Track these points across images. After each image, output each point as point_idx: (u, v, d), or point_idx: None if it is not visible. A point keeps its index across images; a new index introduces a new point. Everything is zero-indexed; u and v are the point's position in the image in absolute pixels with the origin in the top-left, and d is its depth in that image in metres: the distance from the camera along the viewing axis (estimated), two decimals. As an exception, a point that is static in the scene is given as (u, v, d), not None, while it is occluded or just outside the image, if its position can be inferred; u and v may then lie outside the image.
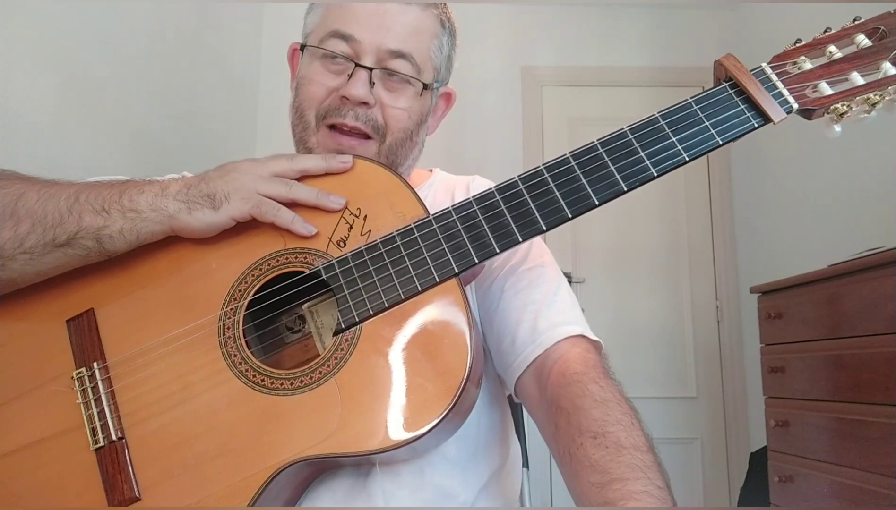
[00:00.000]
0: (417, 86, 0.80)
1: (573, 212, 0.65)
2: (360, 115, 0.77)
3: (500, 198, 0.67)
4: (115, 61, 1.74)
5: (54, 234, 0.66)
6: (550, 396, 0.66)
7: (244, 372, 0.64)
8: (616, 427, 0.58)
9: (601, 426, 0.59)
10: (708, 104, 0.67)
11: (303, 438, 0.60)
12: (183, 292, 0.68)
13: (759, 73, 0.68)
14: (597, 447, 0.57)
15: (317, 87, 0.79)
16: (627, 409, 0.61)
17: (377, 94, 0.78)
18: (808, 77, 0.68)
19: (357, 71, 0.76)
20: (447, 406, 0.60)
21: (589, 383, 0.63)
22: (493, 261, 0.78)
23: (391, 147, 0.80)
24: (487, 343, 0.78)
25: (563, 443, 0.61)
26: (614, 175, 0.65)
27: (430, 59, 0.82)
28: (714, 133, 0.66)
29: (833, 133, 0.68)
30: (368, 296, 0.65)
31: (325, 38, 0.78)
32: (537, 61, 3.05)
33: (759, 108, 0.65)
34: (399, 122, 0.79)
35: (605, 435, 0.58)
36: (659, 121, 0.67)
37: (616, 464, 0.55)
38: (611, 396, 0.62)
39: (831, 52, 0.68)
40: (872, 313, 1.50)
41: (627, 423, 0.59)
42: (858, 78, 0.67)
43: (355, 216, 0.69)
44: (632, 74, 3.02)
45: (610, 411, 0.60)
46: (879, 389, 1.46)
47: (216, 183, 0.67)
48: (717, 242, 2.94)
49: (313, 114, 0.79)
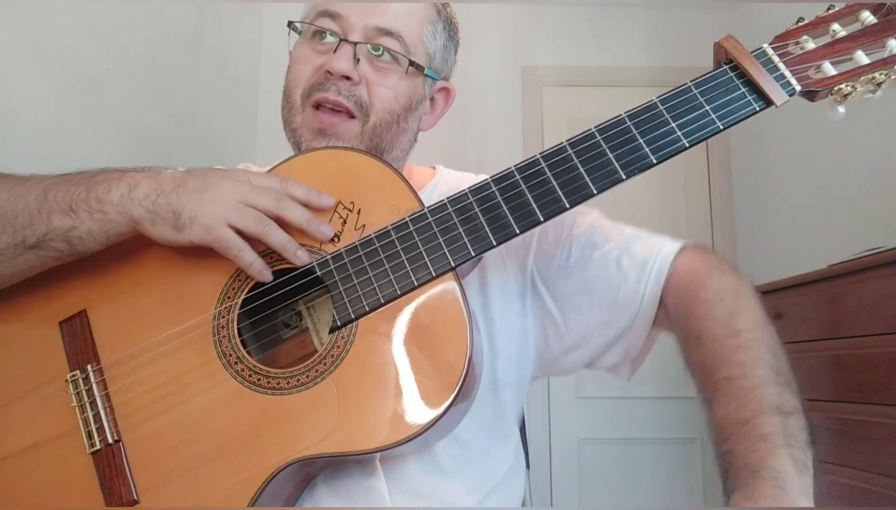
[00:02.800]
0: (404, 63, 0.78)
1: (571, 201, 0.64)
2: (342, 89, 0.75)
3: (496, 188, 0.65)
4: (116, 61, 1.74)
5: (24, 236, 0.64)
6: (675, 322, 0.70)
7: (240, 371, 0.63)
8: (709, 321, 0.63)
9: (699, 324, 0.64)
10: (708, 88, 0.65)
11: (300, 438, 0.60)
12: (176, 291, 0.67)
13: (760, 54, 0.66)
14: (698, 347, 0.63)
15: (303, 65, 0.78)
16: (729, 297, 0.65)
17: (363, 72, 0.76)
18: (811, 57, 0.65)
19: (342, 45, 0.75)
20: (446, 402, 0.59)
21: (697, 289, 0.68)
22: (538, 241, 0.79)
23: (375, 127, 0.77)
24: (589, 316, 0.77)
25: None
26: (612, 163, 0.64)
27: (421, 42, 0.80)
28: (714, 117, 0.64)
29: (837, 114, 0.65)
30: (363, 291, 0.64)
31: (315, 18, 0.78)
32: (537, 61, 3.04)
33: (761, 90, 0.63)
34: (384, 101, 0.77)
35: (700, 333, 0.63)
36: (658, 106, 0.65)
37: (716, 357, 0.61)
38: (714, 291, 0.66)
39: (835, 30, 0.66)
40: (872, 313, 1.49)
41: (724, 313, 0.63)
42: (863, 57, 0.64)
43: (349, 210, 0.67)
44: (632, 74, 3.02)
45: (711, 308, 0.65)
46: (879, 389, 1.45)
47: (186, 199, 0.63)
48: (717, 242, 2.93)
49: (299, 93, 0.78)
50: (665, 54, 3.02)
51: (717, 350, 0.61)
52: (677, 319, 0.69)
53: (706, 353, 0.62)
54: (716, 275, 0.68)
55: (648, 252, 0.74)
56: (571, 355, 0.79)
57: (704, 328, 0.63)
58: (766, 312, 0.65)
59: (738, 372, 0.58)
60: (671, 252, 0.73)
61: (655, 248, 0.74)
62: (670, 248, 0.73)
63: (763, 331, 0.62)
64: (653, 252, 0.74)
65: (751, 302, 0.65)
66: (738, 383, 0.58)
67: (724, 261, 0.71)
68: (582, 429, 2.73)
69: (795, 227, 2.50)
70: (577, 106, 3.01)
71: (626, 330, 0.75)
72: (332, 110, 0.76)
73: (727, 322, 0.63)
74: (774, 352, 0.60)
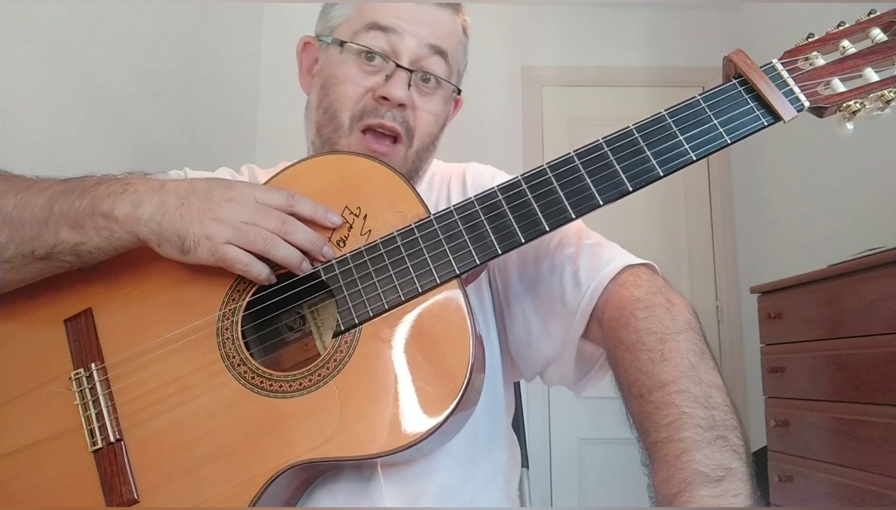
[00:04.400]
0: (448, 89, 0.80)
1: (577, 212, 0.64)
2: (396, 116, 0.76)
3: (503, 197, 0.65)
4: (116, 61, 1.74)
5: (33, 247, 0.64)
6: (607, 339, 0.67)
7: (243, 374, 0.63)
8: (636, 374, 0.60)
9: (626, 376, 0.62)
10: (716, 102, 0.65)
11: (302, 442, 0.60)
12: (182, 292, 0.67)
13: (769, 69, 0.66)
14: (629, 401, 0.61)
15: (352, 87, 0.77)
16: (652, 341, 0.60)
17: (411, 97, 0.77)
18: (820, 73, 0.66)
19: (397, 71, 0.75)
20: (448, 410, 0.59)
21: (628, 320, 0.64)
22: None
23: (418, 152, 0.79)
24: (535, 318, 0.76)
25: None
26: (619, 175, 0.64)
27: (457, 63, 0.82)
28: (722, 131, 0.64)
29: (845, 131, 0.65)
30: (368, 297, 0.64)
31: (361, 31, 0.77)
32: (537, 61, 3.04)
33: (770, 105, 0.63)
34: (427, 126, 0.79)
35: (629, 387, 0.61)
36: (666, 119, 0.65)
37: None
38: (639, 332, 0.62)
39: (845, 47, 0.66)
40: (872, 313, 1.49)
41: (648, 363, 0.59)
42: (873, 74, 0.64)
43: (355, 215, 0.68)
44: (632, 74, 3.02)
45: (636, 357, 0.60)
46: (879, 389, 1.45)
47: (191, 221, 0.62)
48: (717, 242, 2.93)
49: (347, 115, 0.77)
50: (665, 54, 3.02)
51: (644, 407, 0.57)
52: (610, 362, 0.67)
53: (635, 410, 0.59)
54: (641, 312, 0.63)
55: (590, 268, 0.71)
56: (520, 358, 0.80)
57: (632, 381, 0.60)
58: (700, 343, 0.60)
59: (665, 435, 0.54)
60: (610, 273, 0.69)
61: (602, 260, 0.72)
62: (609, 270, 0.70)
63: (690, 378, 0.57)
64: (595, 268, 0.71)
65: (678, 342, 0.60)
66: (665, 450, 0.53)
67: (658, 288, 0.66)
68: (582, 429, 2.73)
69: (795, 227, 2.50)
70: (578, 106, 3.01)
71: (562, 341, 0.73)
72: (382, 135, 0.77)
73: (651, 372, 0.58)
74: (706, 401, 0.55)
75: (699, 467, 0.51)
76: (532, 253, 0.77)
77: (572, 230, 0.76)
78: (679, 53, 3.01)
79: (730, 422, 0.54)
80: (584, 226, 0.78)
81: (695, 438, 0.52)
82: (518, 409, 1.02)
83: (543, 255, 0.76)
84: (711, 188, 2.99)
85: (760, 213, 2.78)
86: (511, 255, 0.78)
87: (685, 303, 0.64)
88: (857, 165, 2.13)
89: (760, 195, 2.79)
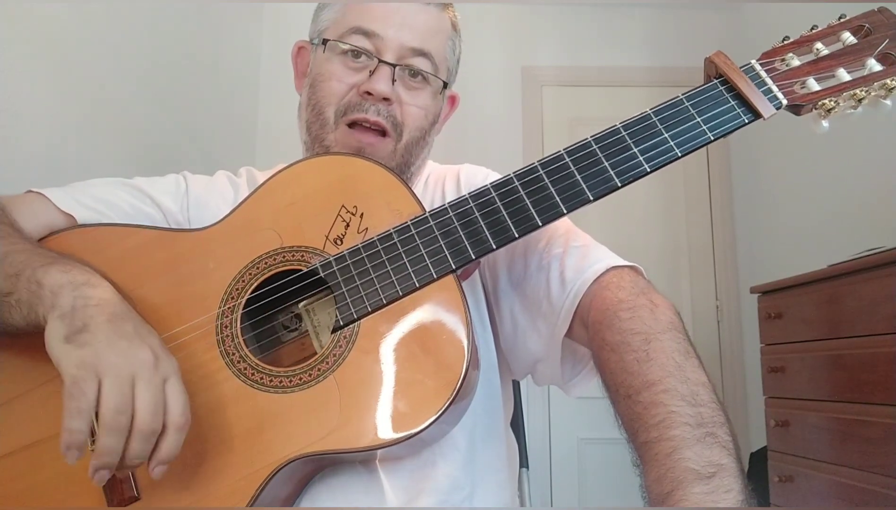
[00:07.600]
0: (436, 84, 0.81)
1: (568, 206, 0.66)
2: (381, 110, 0.78)
3: (496, 194, 0.68)
4: (115, 61, 1.74)
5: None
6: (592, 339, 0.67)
7: (242, 370, 0.64)
8: (622, 375, 0.61)
9: (613, 377, 0.62)
10: (699, 101, 0.68)
11: (302, 436, 0.60)
12: (180, 291, 0.68)
13: (748, 69, 0.69)
14: (617, 403, 0.62)
15: (337, 84, 0.79)
16: (636, 342, 0.60)
17: (397, 92, 0.78)
18: (796, 73, 0.69)
19: (380, 67, 0.77)
20: (446, 401, 0.60)
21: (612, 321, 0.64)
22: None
23: (407, 145, 0.80)
24: (524, 316, 0.76)
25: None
26: (608, 170, 0.66)
27: (445, 59, 0.83)
28: (705, 128, 0.67)
29: (821, 128, 0.69)
30: (366, 293, 0.65)
31: (346, 35, 0.79)
32: (537, 61, 3.05)
33: (749, 103, 0.67)
34: (416, 120, 0.80)
35: (617, 388, 0.61)
36: (651, 117, 0.68)
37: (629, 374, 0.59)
38: (624, 332, 0.62)
39: (818, 49, 0.70)
40: (872, 313, 1.50)
41: (633, 363, 0.60)
42: (845, 74, 0.68)
43: (352, 214, 0.69)
44: (632, 74, 3.02)
45: (622, 357, 0.61)
46: (879, 389, 1.46)
47: (104, 334, 0.55)
48: (717, 242, 2.94)
49: (332, 110, 0.79)
50: (665, 54, 3.03)
51: (632, 408, 0.58)
52: (596, 363, 0.67)
53: (624, 411, 0.59)
54: (624, 313, 0.63)
55: (576, 268, 0.71)
56: (510, 355, 0.80)
57: (619, 382, 0.60)
58: (684, 342, 0.61)
59: (654, 435, 0.54)
60: (594, 274, 0.70)
61: (588, 261, 0.72)
62: (593, 271, 0.70)
63: (676, 378, 0.57)
64: (580, 268, 0.71)
65: (663, 342, 0.60)
66: (656, 449, 0.53)
67: (641, 290, 0.66)
68: (582, 429, 2.73)
69: (795, 227, 2.50)
70: (578, 106, 3.02)
71: (548, 342, 0.73)
72: (368, 129, 0.78)
73: (638, 373, 0.58)
74: (693, 399, 0.55)
75: (690, 465, 0.51)
76: (521, 252, 0.78)
77: (561, 231, 0.77)
78: (679, 54, 3.01)
79: (717, 419, 0.54)
80: (574, 227, 0.79)
81: (684, 436, 0.53)
82: (518, 409, 1.02)
83: (532, 255, 0.77)
84: (711, 188, 2.99)
85: (760, 214, 2.79)
86: (500, 255, 0.79)
87: (668, 304, 0.65)
88: (857, 166, 2.13)
89: (760, 195, 2.79)
